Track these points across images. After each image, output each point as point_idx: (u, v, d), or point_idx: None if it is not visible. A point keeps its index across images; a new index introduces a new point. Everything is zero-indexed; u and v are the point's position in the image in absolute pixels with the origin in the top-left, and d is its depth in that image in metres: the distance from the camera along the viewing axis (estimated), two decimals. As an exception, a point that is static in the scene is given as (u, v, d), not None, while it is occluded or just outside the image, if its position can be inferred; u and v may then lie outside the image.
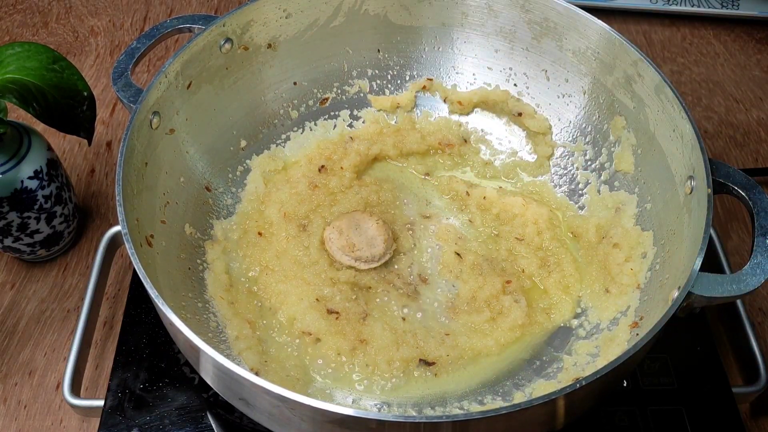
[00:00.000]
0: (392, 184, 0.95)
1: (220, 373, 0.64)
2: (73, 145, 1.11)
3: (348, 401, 0.78)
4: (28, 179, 0.87)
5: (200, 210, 0.89)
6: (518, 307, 0.83)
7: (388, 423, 0.60)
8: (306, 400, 0.58)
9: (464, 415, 0.59)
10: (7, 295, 0.95)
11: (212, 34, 0.86)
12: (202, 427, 0.79)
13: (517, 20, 0.93)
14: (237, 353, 0.78)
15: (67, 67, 0.83)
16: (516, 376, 0.80)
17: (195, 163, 0.89)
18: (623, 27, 1.30)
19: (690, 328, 0.86)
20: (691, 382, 0.82)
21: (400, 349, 0.80)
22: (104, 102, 1.17)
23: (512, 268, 0.87)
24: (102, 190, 1.06)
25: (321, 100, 1.00)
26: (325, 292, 0.83)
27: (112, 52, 1.25)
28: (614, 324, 0.81)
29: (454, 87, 1.00)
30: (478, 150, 0.98)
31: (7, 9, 1.32)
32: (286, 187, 0.93)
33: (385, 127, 0.99)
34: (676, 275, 0.72)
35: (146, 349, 0.84)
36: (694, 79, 1.22)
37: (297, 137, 0.99)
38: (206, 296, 0.82)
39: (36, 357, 0.90)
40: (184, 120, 0.87)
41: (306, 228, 0.89)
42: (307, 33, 0.95)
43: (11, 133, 0.86)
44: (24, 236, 0.90)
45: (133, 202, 0.75)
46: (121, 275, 0.97)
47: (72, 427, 0.85)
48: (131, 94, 0.81)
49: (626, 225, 0.86)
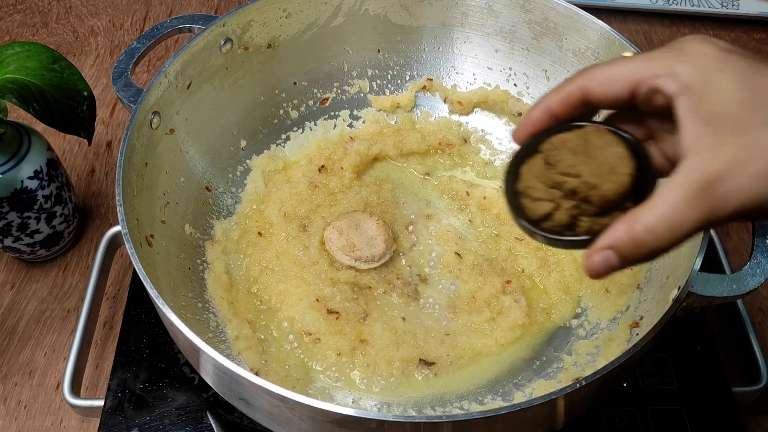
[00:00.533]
0: (392, 184, 0.95)
1: (220, 373, 0.64)
2: (73, 145, 1.11)
3: (348, 401, 0.78)
4: (28, 179, 0.86)
5: (200, 210, 0.89)
6: (518, 307, 0.83)
7: (388, 423, 0.60)
8: (306, 400, 0.58)
9: (464, 415, 0.59)
10: (7, 295, 0.95)
11: (212, 34, 0.86)
12: (202, 427, 0.79)
13: (517, 20, 0.93)
14: (237, 353, 0.78)
15: (67, 67, 0.83)
16: (516, 376, 0.80)
17: (195, 163, 0.89)
18: (623, 27, 1.30)
19: (690, 328, 0.86)
20: (691, 382, 0.82)
21: (400, 349, 0.80)
22: (104, 102, 1.17)
23: (512, 268, 0.87)
24: (102, 190, 1.06)
25: (321, 100, 1.00)
26: (325, 292, 0.83)
27: (112, 52, 1.25)
28: (614, 324, 0.81)
29: (454, 87, 1.00)
30: (478, 150, 0.98)
31: (7, 9, 1.32)
32: (286, 187, 0.93)
33: (385, 127, 0.99)
34: (676, 275, 0.72)
35: (146, 349, 0.84)
36: (694, 79, 1.22)
37: (297, 137, 0.99)
38: (206, 296, 0.82)
39: (36, 357, 0.90)
40: (184, 120, 0.87)
41: (306, 228, 0.89)
42: (307, 33, 0.95)
43: (11, 133, 0.86)
44: (24, 236, 0.90)
45: (133, 202, 0.75)
46: (121, 275, 0.97)
47: (72, 427, 0.85)
48: (131, 94, 0.81)
49: (626, 225, 0.86)
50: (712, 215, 0.47)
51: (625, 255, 0.49)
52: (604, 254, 0.50)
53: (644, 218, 0.48)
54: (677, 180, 0.47)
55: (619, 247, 0.49)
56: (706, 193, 0.46)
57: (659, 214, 0.47)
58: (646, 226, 0.48)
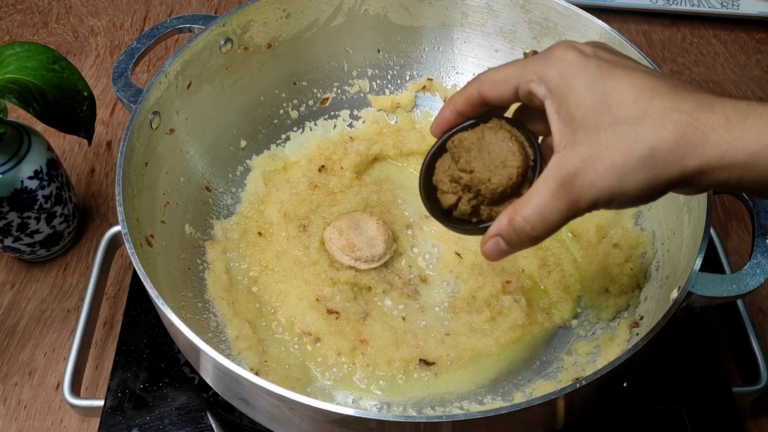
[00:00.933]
0: (392, 184, 0.95)
1: (220, 373, 0.64)
2: (73, 145, 1.11)
3: (348, 401, 0.78)
4: (28, 179, 0.86)
5: (200, 210, 0.89)
6: (518, 307, 0.83)
7: (388, 423, 0.60)
8: (306, 400, 0.58)
9: (464, 415, 0.59)
10: (7, 295, 0.95)
11: (212, 34, 0.86)
12: (202, 427, 0.79)
13: (517, 20, 0.93)
14: (237, 353, 0.78)
15: (67, 67, 0.83)
16: (516, 376, 0.80)
17: (195, 163, 0.89)
18: (623, 27, 1.30)
19: (690, 328, 0.86)
20: (691, 382, 0.83)
21: (400, 349, 0.80)
22: (104, 102, 1.17)
23: (512, 268, 0.87)
24: (102, 190, 1.06)
25: (321, 100, 1.00)
26: (325, 292, 0.83)
27: (112, 52, 1.25)
28: (614, 324, 0.81)
29: (454, 87, 1.00)
30: (478, 150, 0.98)
31: (7, 9, 1.32)
32: (286, 187, 0.93)
33: (385, 127, 1.00)
34: (676, 275, 0.72)
35: (146, 349, 0.84)
36: (694, 79, 1.22)
37: (297, 137, 0.99)
38: (206, 296, 0.82)
39: (36, 357, 0.90)
40: (184, 120, 0.87)
41: (306, 228, 0.89)
42: (307, 33, 0.95)
43: (11, 133, 0.86)
44: (24, 236, 0.90)
45: (133, 202, 0.75)
46: (121, 275, 0.97)
47: (72, 427, 0.85)
48: (131, 94, 0.81)
49: (626, 225, 0.86)
50: (573, 206, 0.52)
51: (511, 242, 0.55)
52: (494, 241, 0.56)
53: (521, 210, 0.54)
54: (545, 175, 0.53)
55: (504, 235, 0.55)
56: (567, 187, 0.52)
57: (532, 205, 0.53)
58: (523, 217, 0.54)
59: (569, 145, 0.52)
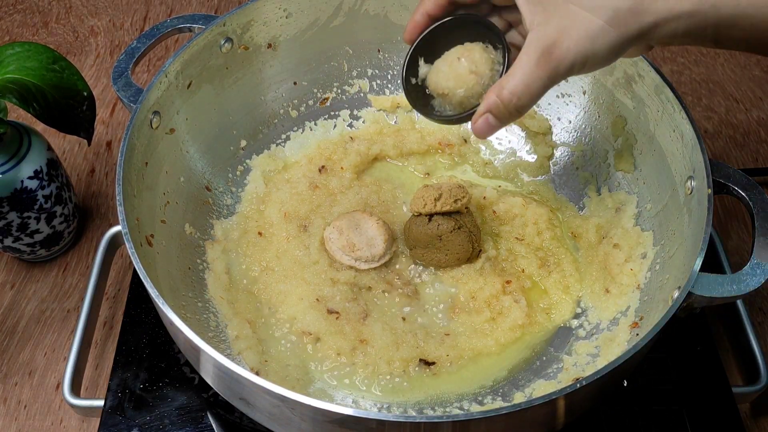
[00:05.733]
0: (392, 184, 0.95)
1: (220, 372, 0.64)
2: (73, 145, 1.11)
3: (348, 401, 0.78)
4: (28, 179, 0.87)
5: (200, 210, 0.89)
6: (518, 307, 0.83)
7: (388, 423, 0.60)
8: (306, 400, 0.58)
9: (464, 415, 0.59)
10: (7, 295, 0.95)
11: (212, 33, 0.86)
12: (202, 427, 0.79)
13: (517, 20, 0.93)
14: (237, 353, 0.79)
15: (67, 67, 0.83)
16: (516, 376, 0.80)
17: (195, 162, 0.89)
18: (623, 27, 1.29)
19: (690, 328, 0.86)
20: (691, 382, 0.83)
21: (400, 349, 0.80)
22: (104, 102, 1.17)
23: (512, 268, 0.87)
24: (102, 190, 1.06)
25: (321, 100, 1.00)
26: (325, 292, 0.83)
27: (112, 52, 1.25)
28: (614, 324, 0.81)
29: (454, 87, 1.00)
30: (478, 150, 0.98)
31: (7, 9, 1.32)
32: (286, 187, 0.93)
33: (385, 127, 1.00)
34: (677, 275, 0.72)
35: (146, 349, 0.84)
36: (694, 79, 1.22)
37: (297, 137, 0.99)
38: (206, 296, 0.82)
39: (36, 357, 0.90)
40: (184, 120, 0.87)
41: (306, 228, 0.89)
42: (307, 33, 0.95)
43: (11, 133, 0.86)
44: (24, 236, 0.90)
45: (133, 202, 0.75)
46: (121, 275, 0.97)
47: (72, 427, 0.85)
48: (131, 94, 0.81)
49: (626, 225, 0.86)
50: (554, 71, 0.60)
51: (499, 115, 0.63)
52: (484, 118, 0.63)
53: (507, 84, 0.61)
54: (526, 50, 0.60)
55: (494, 110, 0.62)
56: (547, 55, 0.59)
57: (517, 77, 0.60)
58: (509, 90, 0.61)
59: (542, 20, 0.60)
